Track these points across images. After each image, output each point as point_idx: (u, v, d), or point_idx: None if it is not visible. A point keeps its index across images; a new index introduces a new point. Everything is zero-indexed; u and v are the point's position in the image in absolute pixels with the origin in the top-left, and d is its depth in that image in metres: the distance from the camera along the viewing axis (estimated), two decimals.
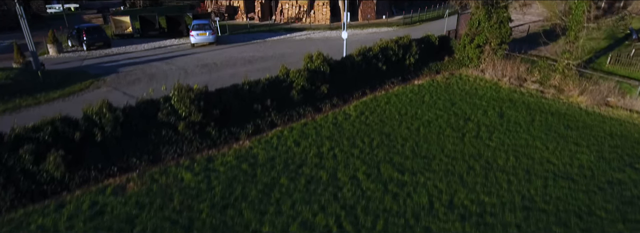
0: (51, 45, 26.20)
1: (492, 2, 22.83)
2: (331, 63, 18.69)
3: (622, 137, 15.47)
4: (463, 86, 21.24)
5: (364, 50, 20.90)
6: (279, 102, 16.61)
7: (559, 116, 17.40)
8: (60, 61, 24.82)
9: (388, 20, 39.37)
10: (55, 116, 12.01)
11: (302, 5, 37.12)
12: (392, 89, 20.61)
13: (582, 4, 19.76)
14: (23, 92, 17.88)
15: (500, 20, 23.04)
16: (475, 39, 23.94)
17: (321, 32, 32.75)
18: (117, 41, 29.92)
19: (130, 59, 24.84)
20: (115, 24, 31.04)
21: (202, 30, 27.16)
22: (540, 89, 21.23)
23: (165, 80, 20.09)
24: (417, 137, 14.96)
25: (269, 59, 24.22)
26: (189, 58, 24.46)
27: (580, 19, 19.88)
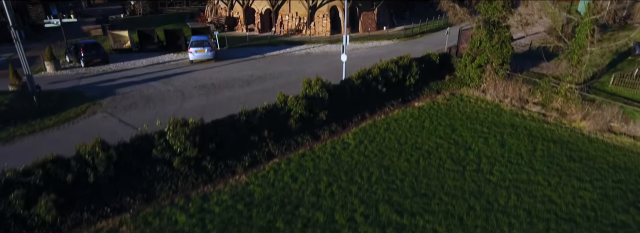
0: (48, 62, 25.98)
1: (493, 22, 22.55)
2: (330, 88, 18.43)
3: (625, 170, 15.17)
4: (464, 109, 20.95)
5: (364, 73, 20.63)
6: (276, 132, 16.35)
7: (562, 145, 17.10)
8: (57, 79, 24.59)
9: (389, 31, 39.06)
10: (46, 157, 11.77)
11: (302, 17, 36.85)
12: (392, 112, 20.33)
13: (586, 27, 19.45)
14: (18, 119, 17.66)
15: (501, 40, 22.76)
16: (476, 58, 23.65)
17: (321, 46, 32.46)
18: (116, 56, 29.68)
19: (128, 77, 24.61)
20: (113, 38, 30.81)
21: (200, 46, 26.91)
22: (542, 111, 20.94)
23: (163, 103, 19.87)
24: (416, 171, 14.70)
25: (267, 78, 23.95)
26: (186, 77, 24.21)
27: (583, 42, 19.58)
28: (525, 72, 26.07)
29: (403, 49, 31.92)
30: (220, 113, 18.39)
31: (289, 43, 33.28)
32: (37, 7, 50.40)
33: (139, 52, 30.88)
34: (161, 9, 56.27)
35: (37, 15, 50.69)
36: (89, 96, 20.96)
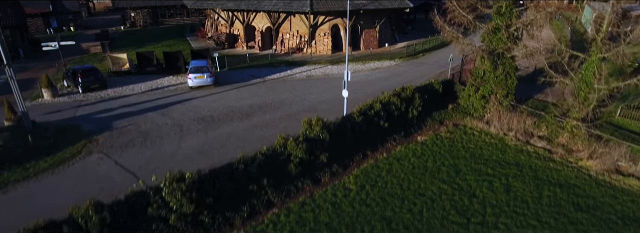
0: (46, 89, 25.61)
1: (498, 53, 22.12)
2: (331, 128, 18.02)
3: (635, 221, 14.75)
4: (467, 144, 20.54)
5: (366, 108, 20.23)
6: (275, 178, 15.97)
7: (568, 189, 16.68)
8: (54, 108, 24.24)
9: (391, 49, 38.65)
10: (38, 223, 11.39)
11: (303, 35, 36.43)
12: (394, 148, 19.93)
13: (593, 64, 19.01)
14: (13, 161, 17.31)
15: (506, 71, 22.33)
16: (480, 89, 23.23)
17: (322, 67, 32.05)
18: (114, 80, 29.33)
19: (126, 106, 24.24)
20: (111, 60, 30.45)
21: (199, 73, 26.53)
22: (547, 147, 20.51)
23: (160, 140, 19.49)
24: (420, 224, 14.29)
25: (268, 108, 23.54)
26: (185, 107, 23.83)
27: (590, 80, 19.14)
28: (530, 100, 25.66)
29: (405, 70, 31.56)
30: (219, 154, 18.12)
31: (289, 64, 32.86)
32: (36, 20, 50.24)
33: (137, 74, 30.49)
34: (161, 21, 55.91)
35: (37, 28, 50.53)
36: (86, 131, 20.59)
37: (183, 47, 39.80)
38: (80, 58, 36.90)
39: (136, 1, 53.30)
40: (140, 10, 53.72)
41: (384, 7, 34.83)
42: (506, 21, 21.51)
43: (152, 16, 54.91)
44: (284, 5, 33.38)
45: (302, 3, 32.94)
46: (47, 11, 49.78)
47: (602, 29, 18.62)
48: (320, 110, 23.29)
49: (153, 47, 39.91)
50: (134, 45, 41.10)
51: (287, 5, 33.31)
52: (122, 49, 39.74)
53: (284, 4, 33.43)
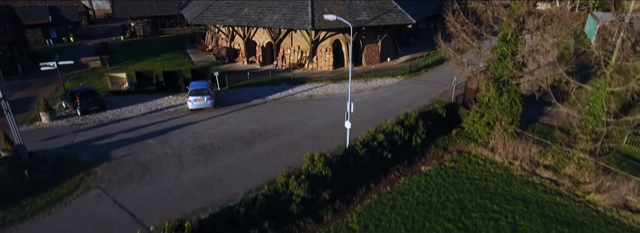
0: (43, 113, 25.26)
1: (503, 80, 21.73)
2: (334, 163, 17.66)
3: None
4: (472, 175, 20.16)
5: (368, 139, 19.86)
6: (277, 220, 15.61)
7: (576, 228, 16.31)
8: (52, 133, 23.89)
9: (393, 64, 38.27)
10: None
11: (304, 51, 36.04)
12: (397, 180, 19.57)
13: (601, 97, 18.62)
14: (9, 198, 16.96)
15: (511, 98, 21.95)
16: (485, 115, 22.86)
17: (324, 86, 31.65)
18: (113, 100, 28.97)
19: (125, 131, 23.89)
20: (111, 79, 30.07)
21: (199, 95, 26.17)
22: (554, 178, 20.14)
23: (160, 173, 19.14)
24: None
25: (269, 135, 23.16)
26: (185, 133, 23.45)
27: (598, 113, 18.74)
28: (535, 123, 25.28)
29: (408, 89, 31.16)
30: (220, 189, 17.79)
31: (290, 82, 32.46)
32: (35, 31, 49.88)
33: (137, 94, 30.13)
34: (161, 31, 55.55)
35: (36, 39, 50.20)
36: (84, 161, 20.24)
37: (183, 62, 39.50)
38: (79, 73, 36.55)
39: (136, 11, 52.91)
40: (140, 20, 53.36)
41: (387, 23, 34.44)
42: (512, 48, 21.14)
43: (152, 26, 54.56)
44: (285, 22, 32.99)
45: (303, 20, 32.54)
46: (46, 22, 49.40)
47: (610, 61, 18.21)
48: (322, 136, 22.94)
49: (153, 61, 39.63)
50: (134, 59, 40.79)
51: (288, 22, 32.92)
52: (121, 63, 39.50)
53: (285, 21, 33.04)
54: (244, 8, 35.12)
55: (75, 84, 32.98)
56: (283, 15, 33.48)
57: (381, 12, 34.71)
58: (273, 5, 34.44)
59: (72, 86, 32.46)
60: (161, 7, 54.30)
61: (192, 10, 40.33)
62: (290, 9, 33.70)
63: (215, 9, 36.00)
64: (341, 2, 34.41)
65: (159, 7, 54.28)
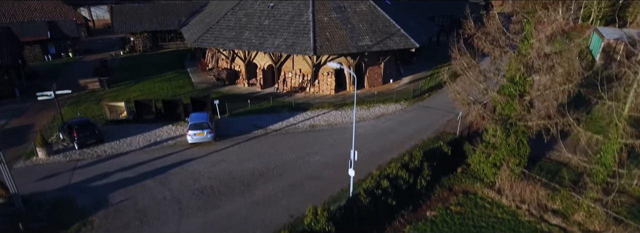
0: (40, 148, 24.76)
1: (511, 121, 21.20)
2: (337, 217, 17.16)
3: None
4: (479, 221, 19.68)
5: (372, 186, 19.35)
6: None
7: None
8: (49, 171, 23.41)
9: (395, 85, 37.74)
10: None
11: (306, 74, 35.50)
12: (402, 229, 19.06)
13: (612, 147, 18.09)
14: None
15: (519, 139, 21.42)
16: (491, 156, 22.34)
17: (325, 114, 31.10)
18: (112, 129, 28.49)
19: (123, 169, 23.44)
20: (109, 109, 29.56)
21: (199, 129, 25.66)
22: (563, 225, 19.64)
23: (158, 223, 18.65)
24: None
25: (271, 175, 22.65)
26: (184, 172, 22.96)
27: (610, 163, 18.22)
28: (542, 160, 24.75)
29: (411, 118, 30.64)
30: None
31: (292, 108, 31.90)
32: (34, 47, 49.31)
33: (136, 122, 29.62)
34: (161, 45, 54.95)
35: (35, 55, 49.62)
36: (80, 207, 19.76)
37: (183, 83, 38.95)
38: (77, 96, 35.95)
39: (136, 26, 52.35)
40: (140, 34, 52.78)
41: (390, 48, 33.91)
42: (520, 89, 20.61)
43: (151, 40, 53.96)
44: (286, 48, 32.46)
45: (305, 46, 32.02)
46: (45, 38, 48.83)
47: (623, 112, 17.66)
48: (325, 177, 22.44)
49: (152, 83, 39.08)
50: (133, 79, 40.22)
51: (289, 47, 32.39)
52: (121, 84, 38.95)
53: (286, 46, 32.51)
54: (245, 31, 34.58)
55: (73, 109, 32.46)
56: (284, 40, 32.95)
57: (384, 36, 34.17)
58: (274, 29, 33.90)
59: (70, 112, 32.04)
60: (161, 22, 53.66)
61: (192, 30, 39.80)
62: (292, 33, 33.17)
63: (215, 31, 35.47)
64: (344, 26, 33.88)
65: (159, 22, 53.65)
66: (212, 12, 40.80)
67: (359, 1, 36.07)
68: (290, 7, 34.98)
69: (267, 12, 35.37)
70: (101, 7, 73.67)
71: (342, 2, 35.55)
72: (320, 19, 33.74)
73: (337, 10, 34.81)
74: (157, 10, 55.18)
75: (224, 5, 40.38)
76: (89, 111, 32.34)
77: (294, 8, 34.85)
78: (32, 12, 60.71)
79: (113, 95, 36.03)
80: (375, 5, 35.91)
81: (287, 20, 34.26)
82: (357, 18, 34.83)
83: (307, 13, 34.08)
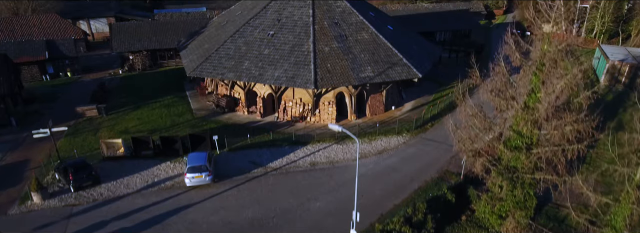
0: (35, 192, 24.25)
1: (518, 175, 20.61)
2: None
3: None
4: None
5: None
6: None
7: None
8: (44, 219, 22.96)
9: (397, 113, 37.18)
10: None
11: (306, 103, 34.93)
12: None
13: (623, 210, 17.51)
14: None
15: (526, 191, 20.83)
16: (497, 206, 21.76)
17: (327, 148, 30.53)
18: (108, 167, 28.01)
19: (120, 217, 22.95)
20: (106, 145, 29.04)
21: (198, 172, 25.14)
22: None
23: None
24: None
25: (270, 226, 22.14)
26: (181, 222, 22.51)
27: (621, 226, 17.64)
28: (547, 205, 24.18)
29: (414, 153, 30.10)
30: None
31: (292, 142, 31.28)
32: (31, 68, 48.83)
33: (133, 158, 29.11)
34: (160, 63, 54.41)
35: (32, 75, 49.14)
36: None
37: (182, 109, 38.36)
38: (74, 125, 35.40)
39: (135, 45, 51.82)
40: (139, 53, 52.26)
41: (392, 79, 33.35)
42: (527, 142, 20.02)
43: (151, 58, 53.43)
44: (287, 80, 31.89)
45: (306, 78, 31.47)
46: (43, 59, 48.31)
47: (635, 178, 17.06)
48: (327, 228, 21.88)
49: (151, 109, 38.56)
50: (132, 104, 39.68)
51: (290, 80, 31.82)
52: (119, 111, 38.42)
53: (287, 78, 31.94)
54: (245, 61, 34.01)
55: (69, 142, 31.99)
56: (285, 71, 32.39)
57: (386, 66, 33.59)
58: (274, 59, 33.33)
59: (67, 145, 31.58)
60: (161, 40, 53.12)
61: (191, 56, 39.21)
62: (292, 64, 32.60)
63: (214, 60, 34.90)
64: (345, 56, 33.30)
65: (159, 40, 53.10)
66: (211, 36, 40.23)
67: (360, 29, 35.47)
68: (290, 36, 34.40)
69: (267, 40, 34.79)
70: (101, 20, 73.26)
71: (343, 31, 34.96)
72: (321, 49, 33.17)
73: (338, 39, 34.22)
74: (156, 28, 54.69)
75: (223, 29, 39.85)
76: (86, 144, 31.87)
77: (294, 37, 34.28)
78: (31, 27, 60.23)
79: (111, 124, 35.55)
80: (377, 33, 35.32)
81: (287, 49, 33.69)
82: (358, 47, 34.24)
83: (307, 43, 33.51)
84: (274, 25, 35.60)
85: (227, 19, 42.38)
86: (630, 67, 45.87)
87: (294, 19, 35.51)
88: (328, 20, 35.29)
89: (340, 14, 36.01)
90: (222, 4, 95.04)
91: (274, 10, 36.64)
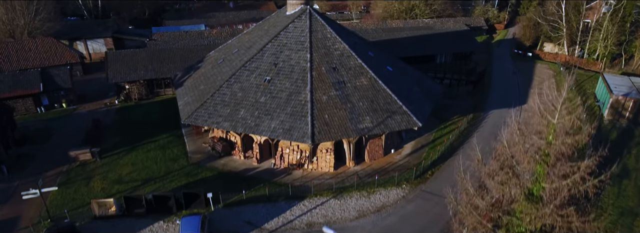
0: None
1: None
2: None
3: None
4: None
5: None
6: None
7: None
8: None
9: (396, 157, 36.49)
10: None
11: (304, 150, 34.17)
12: None
13: None
14: None
15: None
16: None
17: (324, 203, 29.85)
18: (99, 229, 27.32)
19: None
20: (98, 204, 28.34)
21: None
22: None
23: None
24: None
25: None
26: None
27: None
28: None
29: (414, 211, 29.51)
30: None
31: (288, 197, 30.50)
32: (26, 100, 48.12)
33: (126, 217, 28.43)
34: (157, 92, 53.67)
35: (27, 108, 48.47)
36: None
37: (177, 153, 37.57)
38: (67, 171, 34.71)
39: (131, 75, 51.08)
40: (135, 83, 51.54)
41: (391, 129, 32.56)
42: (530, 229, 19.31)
43: (147, 87, 52.72)
44: (283, 132, 31.14)
45: (302, 132, 30.73)
46: (37, 91, 47.59)
47: None
48: None
49: (146, 151, 37.84)
50: (127, 145, 38.92)
51: (286, 132, 31.08)
52: (113, 153, 37.70)
53: (283, 131, 31.19)
54: (240, 109, 33.25)
55: (61, 194, 31.31)
56: (281, 122, 31.62)
57: (386, 115, 32.82)
58: (271, 108, 32.56)
59: (58, 198, 30.94)
60: (157, 69, 52.36)
61: (186, 97, 38.45)
62: (289, 115, 31.82)
63: (209, 107, 34.13)
64: (343, 106, 32.52)
65: (155, 69, 52.34)
66: (207, 76, 39.44)
67: (359, 74, 34.69)
68: (287, 82, 33.64)
69: (263, 87, 34.02)
70: (98, 41, 72.62)
71: (341, 76, 34.19)
72: (318, 99, 32.39)
73: (336, 86, 33.44)
74: (152, 55, 53.94)
75: (219, 69, 39.06)
76: (77, 197, 31.21)
77: (291, 84, 33.51)
78: (26, 52, 59.64)
79: (104, 170, 34.85)
80: (376, 78, 34.54)
81: (284, 98, 32.93)
82: (357, 95, 33.45)
83: (305, 91, 32.73)
84: (270, 69, 34.82)
85: (224, 55, 41.62)
86: (634, 103, 45.03)
87: (291, 63, 34.74)
88: (326, 65, 34.51)
89: (339, 58, 35.22)
90: (221, 18, 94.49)
91: (271, 53, 35.87)
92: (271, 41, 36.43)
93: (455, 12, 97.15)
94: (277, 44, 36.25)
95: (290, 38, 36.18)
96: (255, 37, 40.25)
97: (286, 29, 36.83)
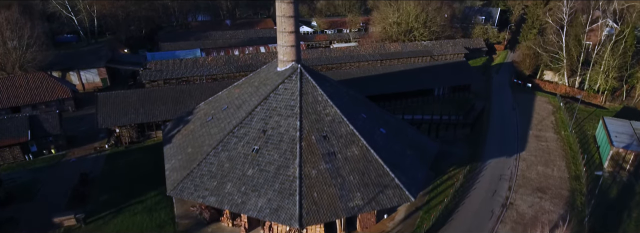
0: None
1: None
2: None
3: None
4: None
5: None
6: None
7: None
8: None
9: (389, 224, 35.50)
10: None
11: None
12: None
13: None
14: None
15: None
16: None
17: None
18: None
19: None
20: None
21: None
22: None
23: None
24: None
25: None
26: None
27: None
28: None
29: None
30: None
31: None
32: (14, 149, 47.19)
33: None
34: (148, 134, 52.74)
35: (15, 156, 47.54)
36: None
37: (164, 217, 36.65)
38: None
39: (121, 120, 50.11)
40: (126, 126, 50.61)
41: (382, 206, 31.48)
42: None
43: (138, 130, 51.81)
44: (270, 213, 30.09)
45: (290, 212, 29.68)
46: (25, 140, 46.65)
47: None
48: None
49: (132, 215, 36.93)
50: (113, 207, 38.03)
51: (273, 212, 30.03)
52: (98, 217, 36.78)
53: (270, 211, 30.15)
54: (227, 183, 32.22)
55: None
56: (268, 201, 30.56)
57: (377, 190, 31.72)
58: (258, 184, 31.51)
59: None
60: (148, 112, 51.40)
61: (172, 160, 37.39)
62: (277, 192, 30.77)
63: (196, 178, 33.11)
64: (333, 181, 31.45)
65: (146, 112, 51.38)
66: (196, 136, 38.37)
67: (350, 142, 33.59)
68: (276, 154, 32.58)
69: (251, 157, 32.96)
70: (91, 71, 71.73)
71: (332, 146, 33.10)
72: (307, 174, 31.32)
73: (326, 158, 32.36)
74: (143, 97, 52.97)
75: (208, 129, 37.99)
76: None
77: (279, 155, 32.45)
78: (17, 88, 58.90)
79: None
80: (368, 147, 33.43)
81: (272, 171, 31.87)
82: (348, 168, 32.36)
83: (293, 165, 31.65)
84: (259, 137, 33.76)
85: (213, 111, 40.56)
86: (635, 156, 43.86)
87: (280, 131, 33.66)
88: (316, 133, 33.42)
89: (330, 124, 34.12)
90: (218, 39, 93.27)
91: (260, 118, 34.79)
92: (260, 104, 35.35)
93: (454, 33, 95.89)
94: (266, 107, 35.17)
95: (280, 101, 35.10)
96: (244, 94, 39.16)
97: (276, 90, 35.75)
